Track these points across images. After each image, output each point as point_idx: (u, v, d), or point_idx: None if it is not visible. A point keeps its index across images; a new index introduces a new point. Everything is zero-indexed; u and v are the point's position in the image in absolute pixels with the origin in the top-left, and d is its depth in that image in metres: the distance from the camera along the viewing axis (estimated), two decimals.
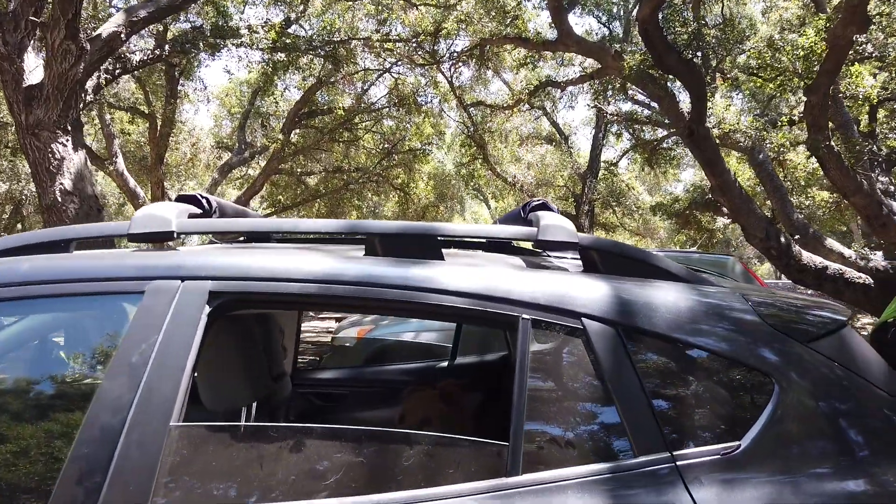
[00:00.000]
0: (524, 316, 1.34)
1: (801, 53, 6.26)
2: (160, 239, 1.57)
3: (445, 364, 3.14)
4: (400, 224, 1.56)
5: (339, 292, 1.38)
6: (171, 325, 1.33)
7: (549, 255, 1.90)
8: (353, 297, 1.38)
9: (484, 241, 2.07)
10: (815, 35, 6.03)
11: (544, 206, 1.80)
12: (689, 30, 7.10)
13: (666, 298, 1.39)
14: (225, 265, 1.43)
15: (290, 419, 2.55)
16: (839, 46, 5.34)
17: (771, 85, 10.62)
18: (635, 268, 1.50)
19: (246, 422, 2.07)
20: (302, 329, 3.38)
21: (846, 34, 5.15)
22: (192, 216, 1.69)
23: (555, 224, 1.55)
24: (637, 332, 1.34)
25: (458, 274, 1.42)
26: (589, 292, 1.39)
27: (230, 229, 1.61)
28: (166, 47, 8.34)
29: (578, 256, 1.72)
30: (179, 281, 1.39)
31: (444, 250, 1.59)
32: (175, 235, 1.56)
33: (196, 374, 1.72)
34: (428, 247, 1.53)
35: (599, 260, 1.53)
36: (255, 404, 2.21)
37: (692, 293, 1.42)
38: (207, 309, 1.36)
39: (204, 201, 1.78)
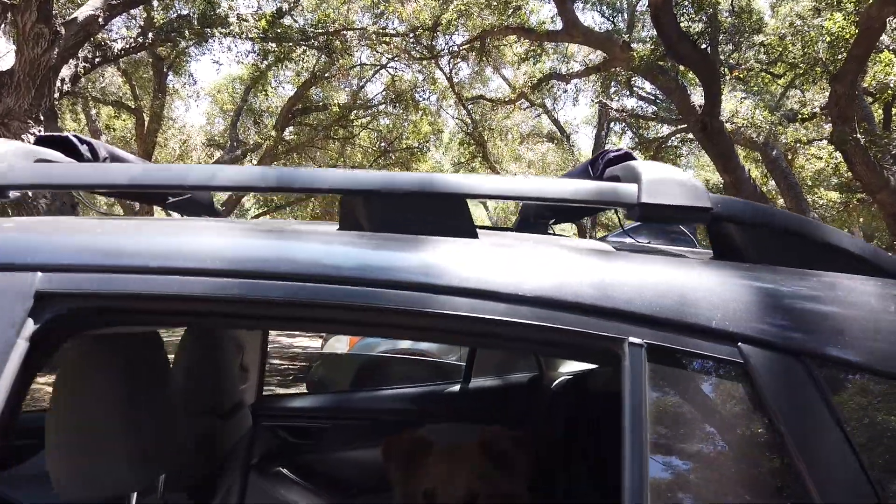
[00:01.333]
0: (634, 340, 0.78)
1: (828, 39, 5.88)
2: None
3: (457, 388, 2.50)
4: (400, 176, 0.92)
5: (287, 295, 0.80)
6: None
7: (627, 236, 1.27)
8: (314, 304, 0.80)
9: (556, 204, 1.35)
10: (844, 19, 5.65)
11: (629, 158, 1.10)
12: (705, 16, 6.74)
13: (882, 308, 0.85)
14: (69, 244, 0.84)
15: (252, 464, 1.95)
16: (872, 30, 4.96)
17: (780, 81, 10.26)
18: (806, 254, 0.91)
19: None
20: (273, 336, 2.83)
21: (881, 15, 4.77)
22: (41, 161, 0.99)
23: (671, 178, 0.92)
24: (840, 367, 0.80)
25: (511, 264, 0.84)
26: (746, 298, 0.82)
27: (95, 182, 0.92)
28: (150, 35, 7.93)
29: (686, 235, 1.19)
30: None
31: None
32: (5, 193, 0.93)
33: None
34: (451, 216, 0.92)
35: (749, 240, 0.94)
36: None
37: None
38: (31, 325, 0.78)
39: (84, 147, 1.12)
